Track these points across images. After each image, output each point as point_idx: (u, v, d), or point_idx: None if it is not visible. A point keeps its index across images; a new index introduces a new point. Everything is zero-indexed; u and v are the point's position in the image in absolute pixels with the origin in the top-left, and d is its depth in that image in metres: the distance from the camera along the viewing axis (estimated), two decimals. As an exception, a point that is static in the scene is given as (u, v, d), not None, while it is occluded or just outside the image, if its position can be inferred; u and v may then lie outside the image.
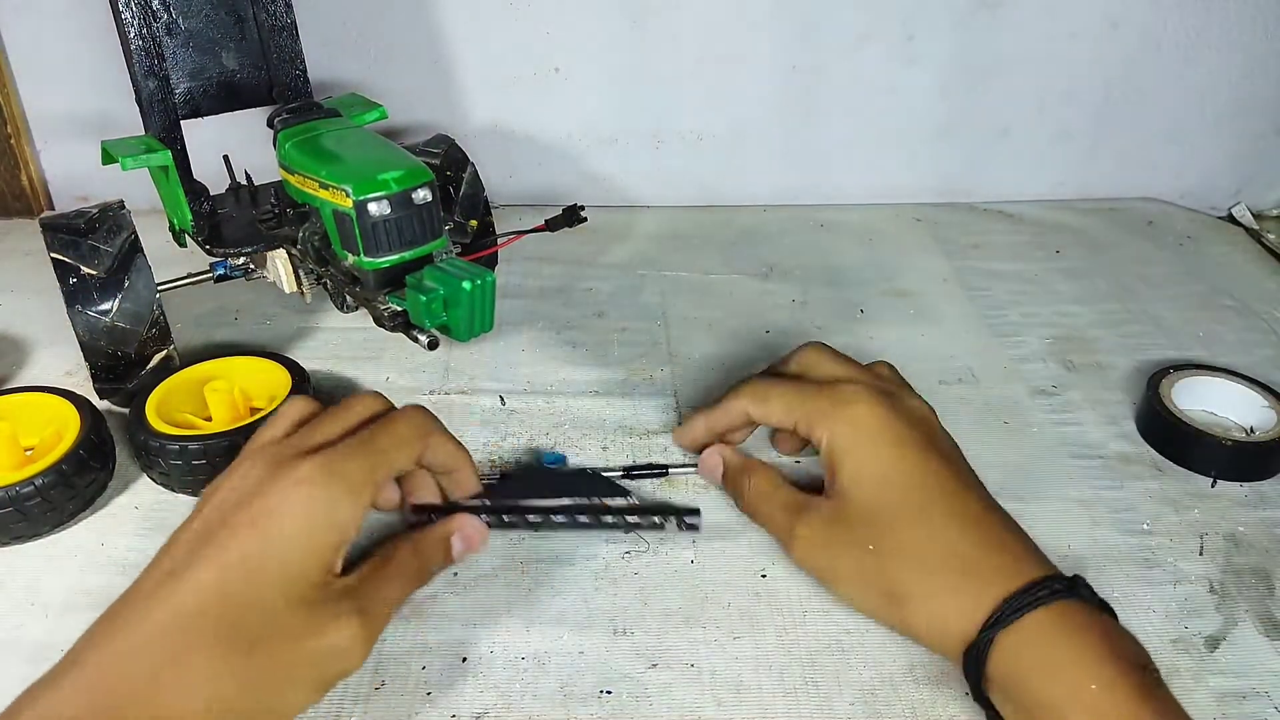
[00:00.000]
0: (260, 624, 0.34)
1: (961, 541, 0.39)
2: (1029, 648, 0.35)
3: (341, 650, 0.36)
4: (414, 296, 0.48)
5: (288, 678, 0.34)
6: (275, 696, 0.34)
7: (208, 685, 0.32)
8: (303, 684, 0.35)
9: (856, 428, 0.42)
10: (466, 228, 0.59)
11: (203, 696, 0.32)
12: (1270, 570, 0.47)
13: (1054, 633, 0.35)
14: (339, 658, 0.36)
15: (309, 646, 0.35)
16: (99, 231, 0.52)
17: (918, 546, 0.39)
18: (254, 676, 0.33)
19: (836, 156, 0.80)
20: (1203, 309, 0.68)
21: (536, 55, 0.75)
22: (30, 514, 0.46)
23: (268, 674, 0.34)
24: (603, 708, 0.39)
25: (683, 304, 0.68)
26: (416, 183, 0.48)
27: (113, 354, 0.51)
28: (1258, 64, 0.76)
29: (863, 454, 0.42)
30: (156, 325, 0.52)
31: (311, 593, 0.35)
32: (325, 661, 0.35)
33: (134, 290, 0.51)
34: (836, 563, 0.41)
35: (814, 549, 0.42)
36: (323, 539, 0.36)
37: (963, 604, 0.37)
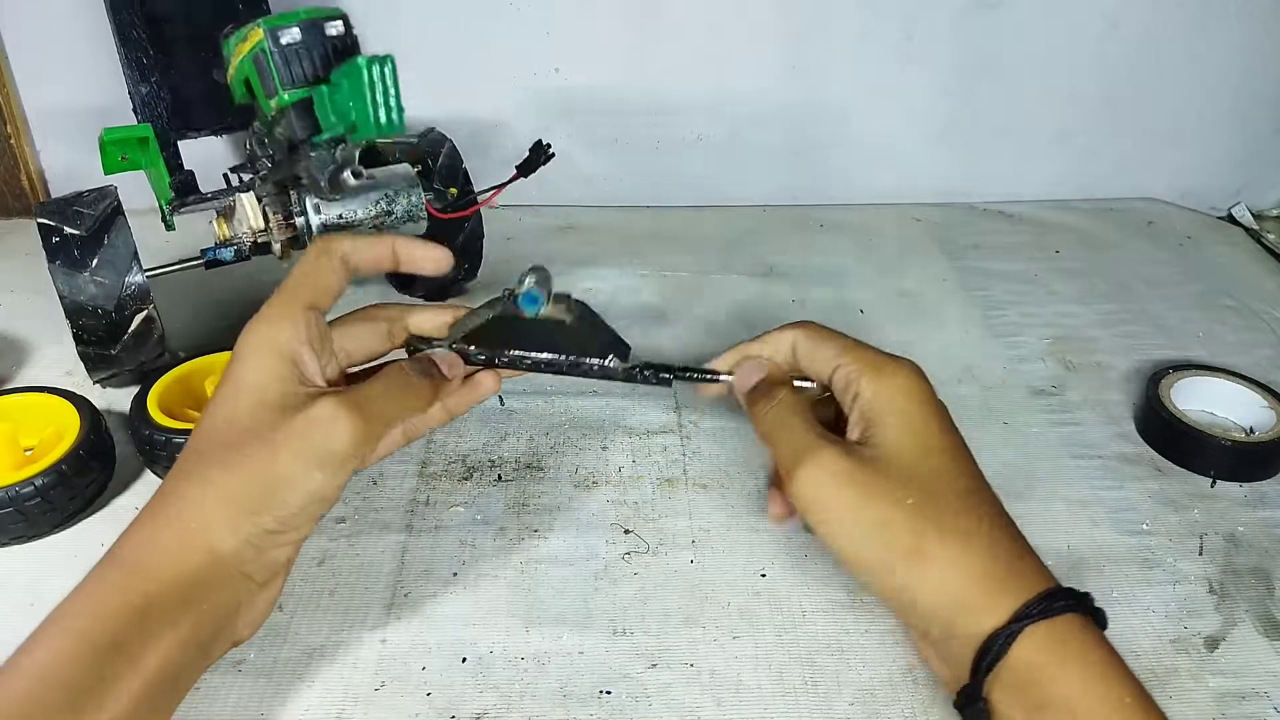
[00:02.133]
0: (242, 428, 0.37)
1: (1000, 533, 0.37)
2: (1062, 646, 0.34)
3: (326, 419, 0.36)
4: (318, 97, 0.48)
5: (278, 456, 0.36)
6: (272, 475, 0.36)
7: (211, 487, 0.36)
8: (295, 459, 0.36)
9: (909, 392, 0.40)
10: (446, 194, 0.60)
11: (206, 497, 0.36)
12: (1270, 570, 0.47)
13: (1086, 638, 0.35)
14: (325, 426, 0.36)
15: (290, 425, 0.36)
16: (83, 199, 0.54)
17: (960, 520, 0.37)
18: (247, 465, 0.36)
19: (836, 156, 0.80)
20: (1202, 309, 0.68)
21: (536, 55, 0.75)
22: (30, 514, 0.46)
23: (258, 459, 0.36)
24: (602, 708, 0.40)
25: (683, 304, 0.68)
26: (327, 15, 0.50)
27: (93, 310, 0.52)
28: (1258, 64, 0.76)
29: (912, 417, 0.39)
30: (135, 283, 0.52)
31: (283, 395, 0.37)
32: (312, 433, 0.36)
33: (113, 247, 0.52)
34: (856, 504, 0.37)
35: (829, 484, 0.37)
36: (269, 354, 0.38)
37: (991, 588, 0.35)
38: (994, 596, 0.35)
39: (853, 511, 0.37)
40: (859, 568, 0.38)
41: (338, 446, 0.36)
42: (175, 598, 0.34)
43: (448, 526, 0.48)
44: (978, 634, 0.35)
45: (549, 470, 0.52)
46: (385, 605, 0.44)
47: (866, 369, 0.40)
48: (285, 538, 0.37)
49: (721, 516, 0.49)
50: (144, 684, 0.33)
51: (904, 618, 0.38)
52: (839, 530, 0.37)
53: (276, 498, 0.36)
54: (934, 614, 0.36)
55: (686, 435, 0.55)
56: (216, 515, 0.35)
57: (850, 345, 0.42)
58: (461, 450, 0.53)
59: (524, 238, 0.76)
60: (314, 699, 0.40)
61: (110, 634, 0.33)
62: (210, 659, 0.37)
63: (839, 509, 0.37)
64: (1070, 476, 0.52)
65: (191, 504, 0.36)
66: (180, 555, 0.35)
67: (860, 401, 0.40)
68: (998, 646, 0.34)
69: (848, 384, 0.40)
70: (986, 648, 0.34)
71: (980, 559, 0.36)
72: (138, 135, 0.55)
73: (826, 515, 0.38)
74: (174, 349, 0.56)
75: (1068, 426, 0.56)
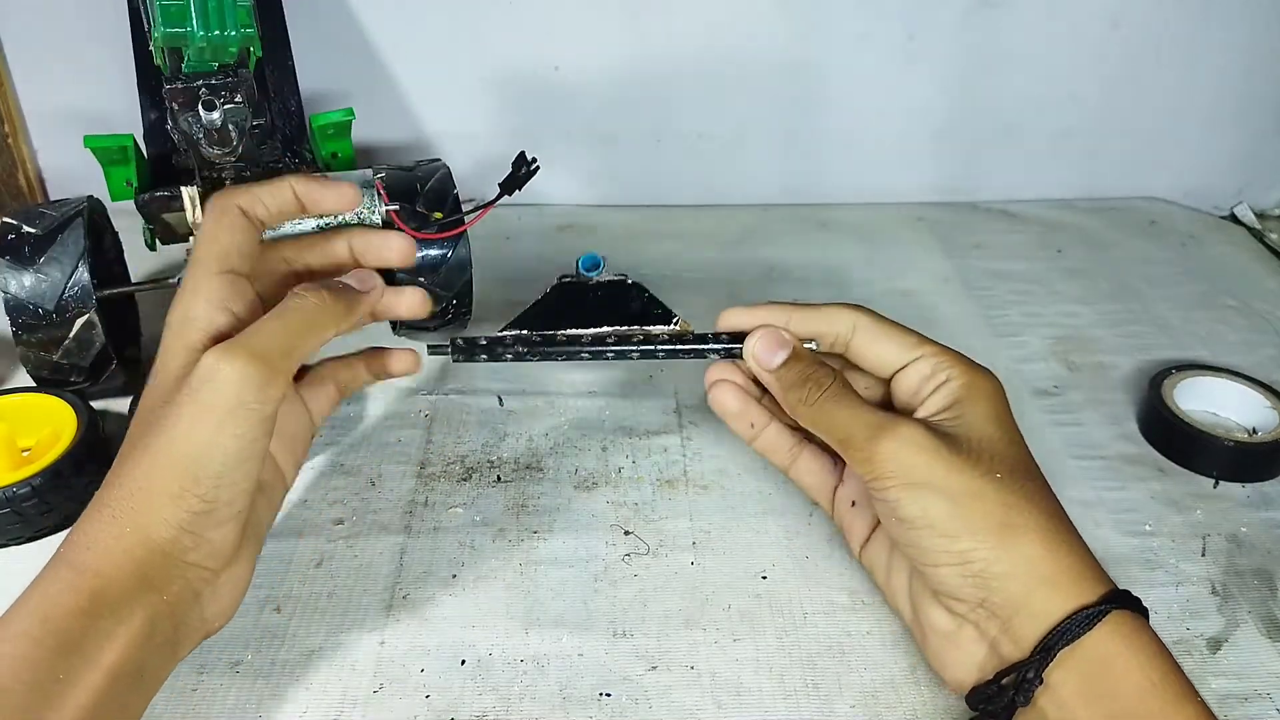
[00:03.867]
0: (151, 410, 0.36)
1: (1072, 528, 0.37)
2: (1137, 638, 0.34)
3: (212, 368, 0.35)
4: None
5: (181, 418, 0.35)
6: (184, 439, 0.35)
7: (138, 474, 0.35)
8: (199, 417, 0.34)
9: (997, 390, 0.40)
10: (429, 216, 0.56)
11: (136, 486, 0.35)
12: (1272, 571, 0.46)
13: (1155, 639, 0.35)
14: (213, 376, 0.35)
15: (182, 392, 0.35)
16: (54, 205, 0.53)
17: (1052, 503, 0.37)
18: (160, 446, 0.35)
19: (837, 156, 0.80)
20: (1205, 309, 0.68)
21: (536, 55, 0.75)
22: (27, 515, 0.46)
23: (168, 436, 0.35)
24: (602, 710, 0.39)
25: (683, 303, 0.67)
26: None
27: (34, 309, 0.50)
28: (1259, 63, 0.76)
29: (999, 409, 0.39)
30: (79, 285, 0.51)
31: (185, 366, 0.36)
32: (205, 389, 0.35)
33: (63, 247, 0.51)
34: (943, 474, 0.36)
35: (919, 451, 0.37)
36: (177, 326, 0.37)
37: (1074, 568, 0.35)
38: (1078, 577, 0.35)
39: (941, 480, 0.36)
40: (934, 535, 0.36)
41: (229, 396, 0.34)
42: (124, 592, 0.34)
43: (446, 528, 0.48)
44: (1057, 611, 0.34)
45: (548, 471, 0.52)
46: (384, 607, 0.44)
47: (958, 362, 0.40)
48: (218, 516, 0.35)
49: (722, 518, 0.49)
50: (104, 681, 0.32)
51: (960, 590, 0.36)
52: (925, 499, 0.36)
53: (190, 473, 0.34)
54: (1008, 585, 0.35)
55: (687, 436, 0.55)
56: (145, 506, 0.34)
57: (929, 339, 0.41)
58: (460, 451, 0.53)
59: (524, 237, 0.75)
60: (312, 701, 0.39)
61: (62, 635, 0.32)
62: (179, 652, 0.36)
63: (927, 478, 0.36)
64: (1072, 477, 0.52)
65: (123, 496, 0.35)
66: (121, 550, 0.34)
67: (949, 386, 0.39)
68: (1080, 624, 0.34)
69: (933, 373, 0.40)
70: (1066, 624, 0.34)
71: (1067, 540, 0.36)
72: (119, 143, 0.55)
73: (912, 485, 0.37)
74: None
75: (1070, 427, 0.56)
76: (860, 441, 0.38)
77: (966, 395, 0.39)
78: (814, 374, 0.40)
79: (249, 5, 0.46)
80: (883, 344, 0.41)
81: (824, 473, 0.45)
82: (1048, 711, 0.34)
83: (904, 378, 0.40)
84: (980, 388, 0.39)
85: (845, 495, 0.44)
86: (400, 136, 0.77)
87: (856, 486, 0.43)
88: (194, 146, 0.50)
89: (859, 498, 0.43)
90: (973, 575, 0.36)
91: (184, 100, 0.48)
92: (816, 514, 0.49)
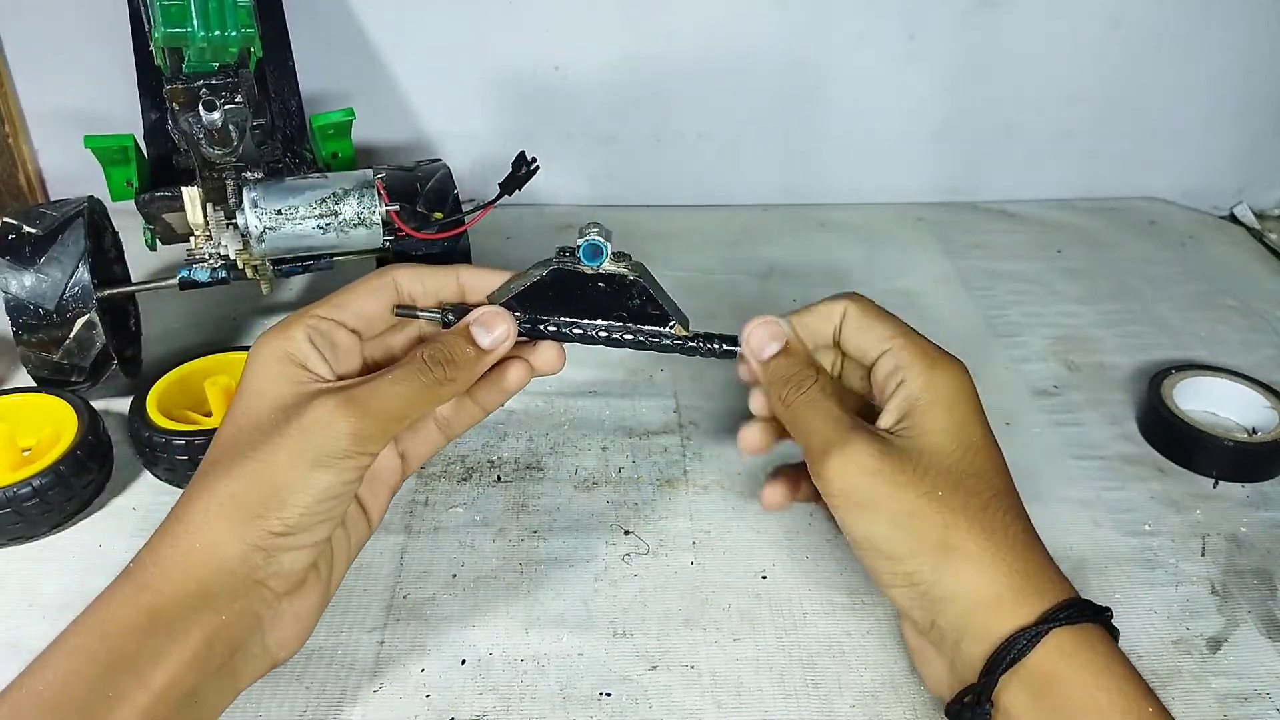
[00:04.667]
0: (247, 435, 0.36)
1: (1026, 538, 0.37)
2: (1086, 652, 0.34)
3: (323, 419, 0.35)
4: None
5: (277, 459, 0.35)
6: (272, 480, 0.35)
7: (213, 494, 0.35)
8: (294, 461, 0.35)
9: (956, 389, 0.39)
10: (430, 218, 0.56)
11: (210, 504, 0.35)
12: (1272, 571, 0.47)
13: (1108, 650, 0.34)
14: (323, 426, 0.35)
15: (289, 427, 0.36)
16: (54, 205, 0.53)
17: (990, 518, 0.36)
18: (247, 470, 0.35)
19: (837, 156, 0.80)
20: (1205, 309, 0.68)
21: (536, 55, 0.75)
22: (28, 515, 0.46)
23: (257, 463, 0.35)
24: (602, 710, 0.39)
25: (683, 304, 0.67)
26: None
27: (34, 309, 0.50)
28: (1259, 63, 0.76)
29: (956, 413, 0.39)
30: (80, 285, 0.51)
31: (285, 397, 0.37)
32: (309, 434, 0.35)
33: (64, 247, 0.51)
34: (886, 495, 0.36)
35: (861, 473, 0.37)
36: (273, 359, 0.38)
37: (1016, 587, 0.35)
38: (1018, 596, 0.35)
39: (883, 501, 0.36)
40: (879, 556, 0.37)
41: (335, 445, 0.35)
42: (181, 610, 0.34)
43: (447, 528, 0.48)
44: (997, 633, 0.34)
45: (549, 471, 0.52)
46: (384, 607, 0.44)
47: (919, 358, 0.39)
48: (295, 540, 0.36)
49: (722, 518, 0.49)
50: (153, 702, 0.32)
51: (911, 612, 0.37)
52: (867, 520, 0.37)
53: (277, 498, 0.35)
54: (951, 609, 0.35)
55: (687, 436, 0.55)
56: (220, 520, 0.35)
57: (904, 330, 0.41)
58: (461, 451, 0.53)
59: (524, 237, 0.75)
60: (312, 701, 0.39)
61: (116, 651, 0.32)
62: (240, 681, 0.36)
63: (869, 499, 0.36)
64: (1072, 477, 0.52)
65: (197, 513, 0.35)
66: (185, 566, 0.34)
67: (905, 389, 0.39)
68: (1020, 646, 0.34)
69: (895, 369, 0.39)
70: (1007, 647, 0.34)
71: (1007, 558, 0.35)
72: (120, 144, 0.55)
73: (856, 505, 0.37)
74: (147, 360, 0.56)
75: (1070, 427, 0.56)
76: (816, 455, 0.38)
77: (923, 400, 0.38)
78: (796, 374, 0.40)
79: (249, 5, 0.47)
80: (863, 334, 0.41)
81: None
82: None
83: (876, 370, 0.40)
84: (937, 389, 0.39)
85: None
86: (400, 136, 0.77)
87: None
88: (194, 147, 0.50)
89: None
90: (919, 597, 0.36)
91: (184, 100, 0.48)
92: (817, 514, 0.49)
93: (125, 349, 0.57)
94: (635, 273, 0.41)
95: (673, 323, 0.42)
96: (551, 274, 0.41)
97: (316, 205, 0.51)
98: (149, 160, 0.58)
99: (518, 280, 0.41)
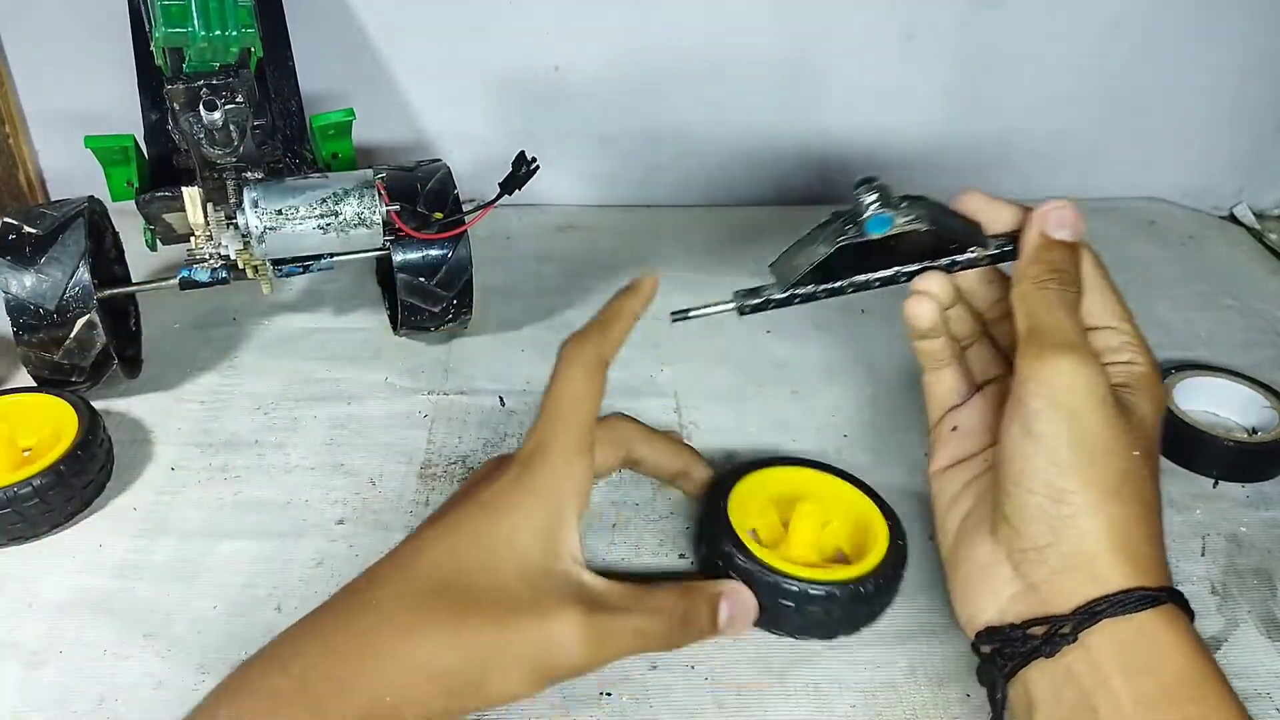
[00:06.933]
0: (490, 594, 0.34)
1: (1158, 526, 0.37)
2: (1192, 633, 0.34)
3: (562, 644, 0.34)
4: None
5: (505, 655, 0.34)
6: (490, 672, 0.34)
7: (427, 649, 0.33)
8: (518, 665, 0.34)
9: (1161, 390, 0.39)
10: (430, 218, 0.56)
11: (420, 660, 0.33)
12: (1272, 571, 0.47)
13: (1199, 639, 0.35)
14: (556, 649, 0.34)
15: (529, 626, 0.34)
16: (54, 205, 0.53)
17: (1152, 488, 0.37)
18: (472, 648, 0.34)
19: (837, 156, 0.80)
20: (1204, 309, 0.68)
21: (536, 55, 0.75)
22: (28, 515, 0.46)
23: (486, 647, 0.34)
24: (602, 710, 0.39)
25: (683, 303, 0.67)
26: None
27: (34, 310, 0.50)
28: (1259, 63, 0.76)
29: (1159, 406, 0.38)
30: (80, 285, 0.51)
31: (541, 570, 0.36)
32: (542, 648, 0.34)
33: (64, 247, 0.51)
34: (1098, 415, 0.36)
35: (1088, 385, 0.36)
36: (546, 513, 0.37)
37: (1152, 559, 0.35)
38: (1147, 564, 0.35)
39: (1091, 419, 0.35)
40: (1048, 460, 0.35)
41: (561, 671, 0.35)
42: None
43: (447, 527, 0.48)
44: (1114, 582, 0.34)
45: (549, 471, 0.52)
46: (384, 606, 0.44)
47: (1148, 354, 0.39)
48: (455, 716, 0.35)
49: (722, 517, 0.49)
50: None
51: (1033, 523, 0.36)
52: (1065, 425, 0.35)
53: (472, 692, 0.34)
54: (1085, 541, 0.35)
55: (687, 436, 0.55)
56: (419, 690, 0.33)
57: (1131, 315, 0.40)
58: (461, 451, 0.53)
59: (524, 237, 0.75)
60: (313, 701, 0.39)
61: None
62: None
63: (1081, 410, 0.35)
64: (1072, 477, 0.52)
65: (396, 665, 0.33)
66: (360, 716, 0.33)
67: (1133, 369, 0.38)
68: (1135, 600, 0.34)
69: (1123, 348, 0.39)
70: (1121, 595, 0.34)
71: (1154, 532, 0.36)
72: (120, 144, 0.55)
73: (1064, 407, 0.35)
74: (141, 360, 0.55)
75: (1069, 427, 0.56)
76: (1051, 342, 0.36)
77: (1142, 383, 0.38)
78: (1070, 272, 0.39)
79: (250, 5, 0.47)
80: (1096, 295, 0.40)
81: (953, 393, 0.44)
82: (1075, 670, 0.34)
83: (1093, 338, 0.39)
84: (1155, 383, 0.38)
85: (955, 419, 0.43)
86: (400, 136, 0.77)
87: (971, 416, 0.43)
88: (195, 147, 0.50)
89: (966, 427, 0.42)
90: (1056, 516, 0.35)
91: (185, 100, 0.48)
92: (816, 514, 0.49)
93: (126, 349, 0.57)
94: (925, 221, 0.39)
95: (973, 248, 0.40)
96: (837, 251, 0.39)
97: (317, 205, 0.51)
98: (149, 160, 0.58)
99: (803, 256, 0.40)
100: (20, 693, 0.40)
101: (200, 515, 0.49)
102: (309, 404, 0.56)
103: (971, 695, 0.40)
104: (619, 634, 0.36)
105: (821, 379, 0.60)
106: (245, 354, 0.61)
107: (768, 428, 0.55)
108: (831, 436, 0.55)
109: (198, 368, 0.59)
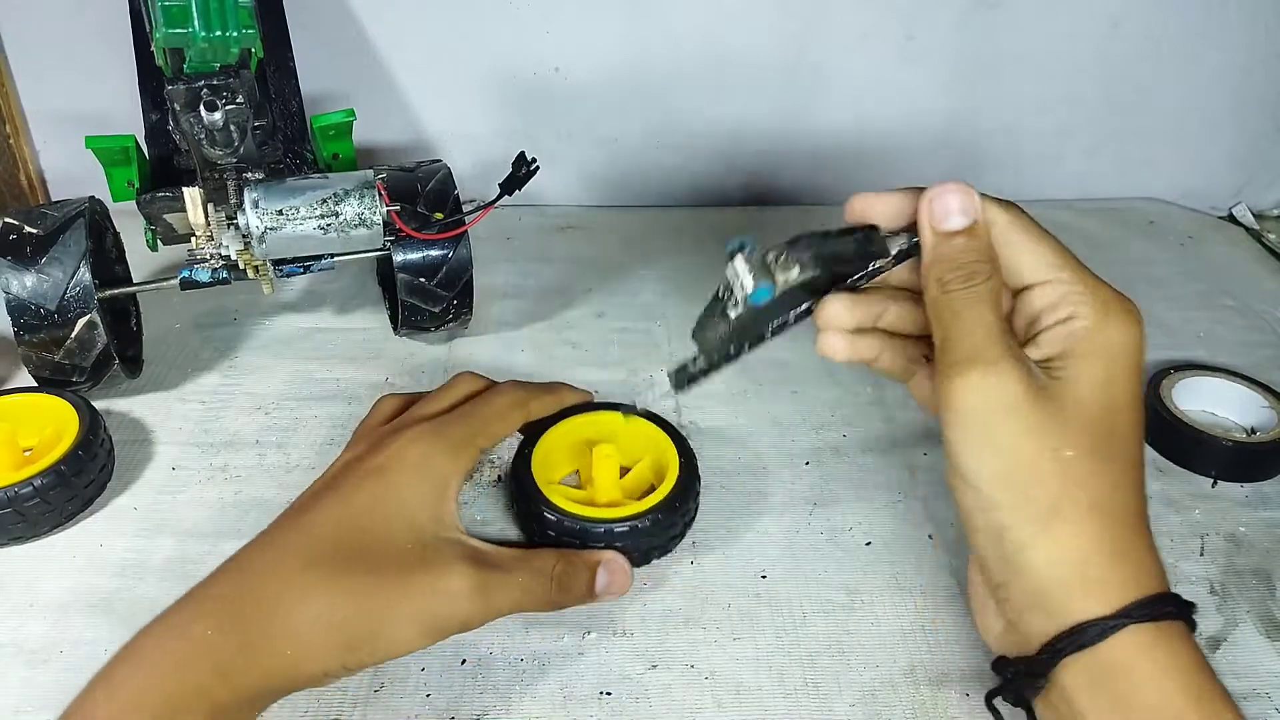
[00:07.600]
0: (380, 552, 0.37)
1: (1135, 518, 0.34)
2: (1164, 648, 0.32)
3: (452, 594, 0.37)
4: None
5: (399, 608, 0.36)
6: (385, 624, 0.36)
7: (324, 603, 0.35)
8: (411, 618, 0.36)
9: (1125, 344, 0.35)
10: (430, 219, 0.56)
11: (319, 614, 0.35)
12: (1271, 571, 0.47)
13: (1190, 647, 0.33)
14: (449, 600, 0.37)
15: (421, 580, 0.37)
16: (55, 205, 0.53)
17: (1106, 491, 0.33)
18: (368, 602, 0.36)
19: (837, 156, 0.80)
20: (1203, 309, 0.68)
21: (536, 55, 0.75)
22: (29, 515, 0.46)
23: (381, 600, 0.36)
24: (602, 709, 0.39)
25: (683, 304, 0.67)
26: None
27: (35, 310, 0.50)
28: (1258, 63, 0.76)
29: (1116, 370, 0.34)
30: (81, 285, 0.51)
31: (428, 532, 0.39)
32: (435, 601, 0.37)
33: (65, 247, 0.51)
34: (1013, 437, 0.33)
35: (997, 402, 0.33)
36: (431, 486, 0.40)
37: (1111, 573, 0.33)
38: (1104, 584, 0.33)
39: (1007, 443, 0.33)
40: (976, 495, 0.34)
41: (450, 623, 0.37)
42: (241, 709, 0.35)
43: (447, 527, 0.48)
44: (1070, 617, 0.33)
45: (549, 471, 0.52)
46: (385, 606, 0.44)
47: (1092, 297, 0.35)
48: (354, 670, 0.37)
49: (721, 518, 0.49)
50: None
51: (986, 562, 0.35)
52: (981, 454, 0.33)
53: (369, 645, 0.36)
54: (1030, 579, 0.33)
55: (687, 435, 0.55)
56: (317, 644, 0.35)
57: (1072, 260, 0.36)
58: (461, 451, 0.53)
59: (524, 237, 0.76)
60: (312, 701, 0.39)
61: None
62: None
63: (993, 435, 0.33)
64: (1071, 477, 0.52)
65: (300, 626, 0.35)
66: (264, 673, 0.35)
67: (1070, 327, 0.35)
68: (1091, 635, 0.32)
69: (1060, 302, 0.35)
70: (1076, 633, 0.32)
71: (1109, 541, 0.33)
72: (121, 144, 0.55)
73: (975, 434, 0.33)
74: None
75: (1069, 427, 0.56)
76: (955, 361, 0.34)
77: (1084, 345, 0.34)
78: (972, 262, 0.35)
79: (250, 6, 0.47)
80: (1022, 253, 0.36)
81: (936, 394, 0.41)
82: (1059, 709, 0.34)
83: (1031, 297, 0.36)
84: (1107, 338, 0.34)
85: None
86: (400, 137, 0.77)
87: None
88: (195, 147, 0.50)
89: None
90: (1002, 552, 0.34)
91: (186, 101, 0.48)
92: (816, 513, 0.49)
93: (126, 349, 0.57)
94: (811, 267, 0.38)
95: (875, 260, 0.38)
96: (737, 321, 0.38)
97: (317, 206, 0.51)
98: (150, 161, 0.58)
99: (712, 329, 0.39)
100: (21, 692, 0.40)
101: (201, 515, 0.49)
102: (310, 404, 0.56)
103: (971, 695, 0.40)
104: (505, 588, 0.39)
105: (822, 379, 0.60)
106: (246, 354, 0.61)
107: (768, 428, 0.55)
108: (831, 436, 0.55)
109: (198, 368, 0.59)
